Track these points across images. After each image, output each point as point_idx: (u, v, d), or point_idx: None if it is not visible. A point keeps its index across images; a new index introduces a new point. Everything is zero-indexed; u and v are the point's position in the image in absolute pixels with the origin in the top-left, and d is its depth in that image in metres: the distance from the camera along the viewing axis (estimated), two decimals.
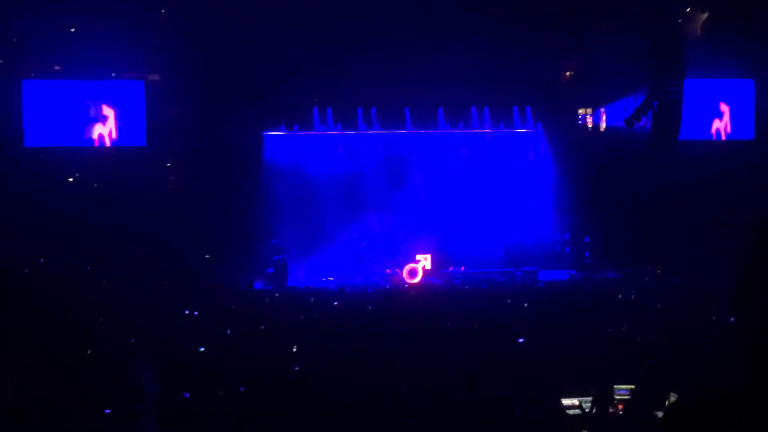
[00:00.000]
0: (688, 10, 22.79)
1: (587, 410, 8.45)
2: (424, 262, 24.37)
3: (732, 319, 11.49)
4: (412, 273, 24.00)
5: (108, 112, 23.82)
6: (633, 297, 17.26)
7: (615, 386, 8.65)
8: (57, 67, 24.29)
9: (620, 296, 17.43)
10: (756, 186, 20.90)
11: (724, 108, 24.86)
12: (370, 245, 25.29)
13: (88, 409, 6.80)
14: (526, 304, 15.98)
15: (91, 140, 23.74)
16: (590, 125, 27.08)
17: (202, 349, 11.15)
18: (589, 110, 27.01)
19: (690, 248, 22.06)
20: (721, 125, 24.89)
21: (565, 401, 8.55)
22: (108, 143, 23.76)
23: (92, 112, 23.76)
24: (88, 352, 9.56)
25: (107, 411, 6.56)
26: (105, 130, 23.80)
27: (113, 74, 24.28)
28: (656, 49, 20.70)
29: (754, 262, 1.69)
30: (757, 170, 22.35)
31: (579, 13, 23.46)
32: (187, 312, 15.48)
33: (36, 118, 23.65)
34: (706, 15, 23.07)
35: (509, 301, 16.74)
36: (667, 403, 8.30)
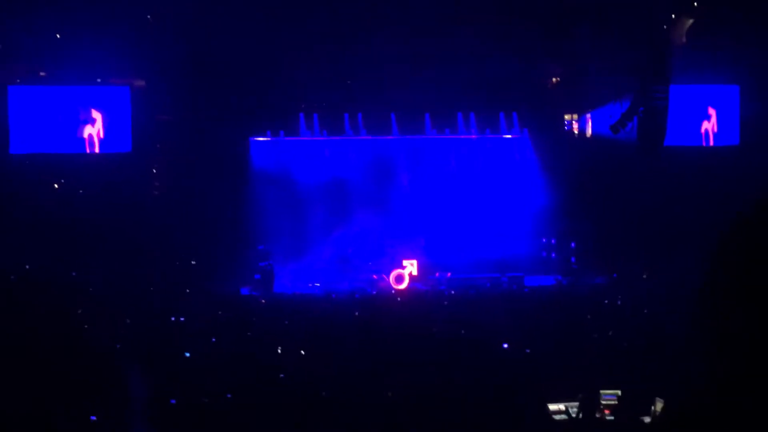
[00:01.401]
0: (673, 16, 22.91)
1: (574, 415, 8.47)
2: (410, 267, 24.36)
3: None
4: (399, 279, 24.00)
5: (96, 115, 23.76)
6: (619, 302, 17.31)
7: (601, 391, 8.68)
8: (42, 73, 24.20)
9: (606, 301, 17.48)
10: (741, 191, 20.99)
11: (712, 111, 25.02)
12: (356, 251, 25.27)
13: (75, 415, 6.76)
14: (512, 310, 16.01)
15: (82, 140, 23.64)
16: (576, 131, 27.15)
17: (188, 355, 11.12)
18: (575, 116, 27.08)
19: (676, 254, 22.13)
20: (709, 126, 25.04)
21: (552, 406, 8.57)
22: (97, 144, 23.66)
23: (81, 115, 23.68)
24: (74, 357, 9.51)
25: (93, 418, 6.53)
26: (94, 131, 23.72)
27: (99, 80, 24.20)
28: (642, 55, 20.78)
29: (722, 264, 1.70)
30: (742, 176, 22.45)
31: (565, 19, 23.53)
32: (173, 318, 15.44)
33: (21, 124, 23.55)
34: (691, 21, 23.19)
35: (496, 306, 16.76)
36: (653, 408, 8.33)
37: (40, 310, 13.83)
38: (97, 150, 23.74)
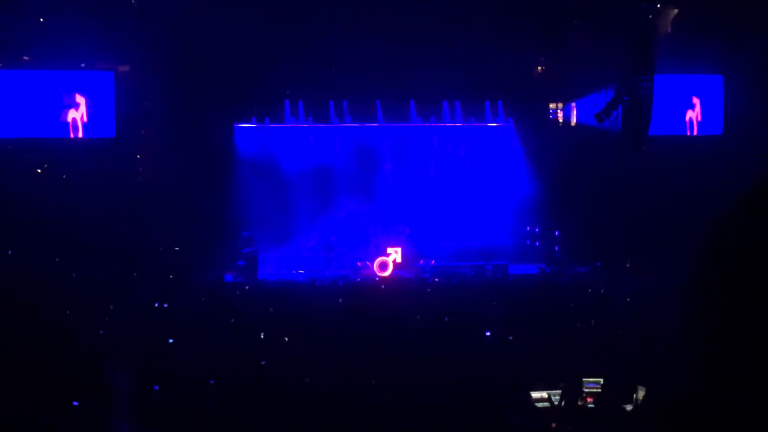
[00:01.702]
0: (658, 6, 22.96)
1: (556, 403, 8.51)
2: (394, 255, 24.39)
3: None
4: (383, 266, 24.02)
5: (80, 99, 23.64)
6: (602, 291, 17.38)
7: (584, 379, 8.71)
8: (25, 57, 24.03)
9: (590, 290, 17.55)
10: (724, 181, 21.11)
11: (696, 101, 25.13)
12: (340, 238, 25.27)
13: (58, 401, 6.75)
14: (495, 298, 16.05)
15: (66, 124, 23.51)
16: (561, 120, 27.21)
17: (171, 341, 11.11)
18: (561, 105, 27.13)
19: (659, 243, 22.25)
20: (694, 115, 25.14)
21: (535, 394, 8.61)
22: (80, 128, 23.54)
23: (65, 100, 23.55)
24: (57, 344, 9.49)
25: (75, 403, 6.51)
26: (77, 115, 23.60)
27: (83, 65, 24.06)
28: (626, 45, 20.84)
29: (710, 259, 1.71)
30: (725, 165, 22.57)
31: (551, 9, 23.55)
32: (156, 304, 15.41)
33: (4, 108, 23.39)
34: (675, 11, 23.25)
35: (479, 294, 16.80)
36: (635, 396, 8.38)
37: (22, 296, 13.79)
38: (80, 134, 23.63)
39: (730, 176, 20.94)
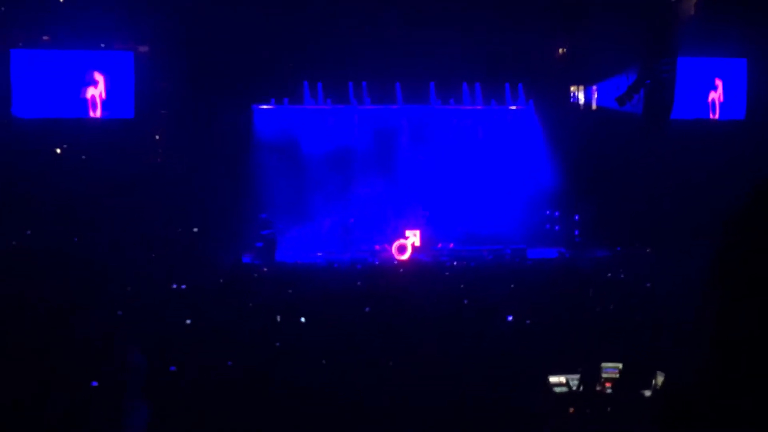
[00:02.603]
0: None
1: (574, 388, 8.46)
2: (413, 238, 24.32)
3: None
4: (401, 249, 23.96)
5: (99, 77, 23.70)
6: (622, 276, 17.29)
7: (602, 364, 8.66)
8: (45, 37, 24.07)
9: (609, 275, 17.46)
10: (746, 166, 20.91)
11: (718, 82, 24.90)
12: (359, 221, 25.24)
13: (75, 381, 6.74)
14: (514, 283, 15.99)
15: (85, 101, 23.58)
16: (582, 103, 27.02)
17: (189, 322, 11.12)
18: (581, 88, 26.94)
19: (680, 228, 22.10)
20: (716, 96, 24.91)
21: (553, 378, 8.56)
22: (99, 105, 23.61)
23: (84, 78, 23.62)
24: (75, 324, 9.50)
25: (94, 383, 6.50)
26: (96, 92, 23.67)
27: (102, 45, 24.07)
28: (649, 28, 20.65)
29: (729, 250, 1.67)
30: (747, 151, 22.37)
31: None
32: (175, 286, 15.45)
33: (24, 87, 23.47)
34: None
35: (498, 278, 16.74)
36: (654, 382, 8.32)
37: (41, 276, 13.85)
38: (99, 112, 23.68)
39: (753, 161, 20.76)
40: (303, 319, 11.62)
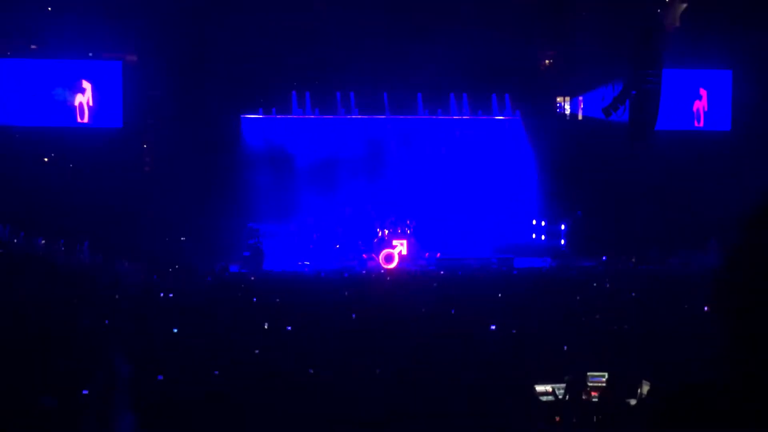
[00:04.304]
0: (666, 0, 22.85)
1: (560, 396, 8.50)
2: (400, 247, 24.35)
3: (706, 308, 11.60)
4: (389, 258, 23.98)
5: (86, 84, 23.71)
6: (607, 285, 17.35)
7: (588, 373, 8.70)
8: (33, 46, 24.06)
9: (595, 284, 17.52)
10: (732, 178, 21.06)
11: (703, 92, 25.07)
12: (346, 230, 25.26)
13: (62, 390, 6.76)
14: (500, 292, 16.03)
15: (72, 108, 23.58)
16: (568, 113, 27.14)
17: (176, 331, 11.12)
18: (568, 99, 27.07)
19: (664, 238, 22.23)
20: (701, 105, 25.08)
21: (539, 387, 8.60)
22: (87, 112, 23.60)
23: (72, 86, 23.62)
24: (62, 333, 9.51)
25: (85, 392, 6.53)
26: (84, 99, 23.68)
27: (90, 54, 24.08)
28: (634, 39, 20.75)
29: (737, 253, 1.70)
30: (733, 162, 22.52)
31: (559, 2, 23.48)
32: (162, 294, 15.44)
33: (10, 96, 23.45)
34: (684, 5, 23.13)
35: (485, 288, 16.77)
36: (639, 391, 8.37)
37: (27, 285, 13.81)
38: (87, 118, 23.68)
39: (738, 172, 20.90)
40: (289, 328, 11.63)
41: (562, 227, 25.71)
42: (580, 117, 26.57)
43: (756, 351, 1.58)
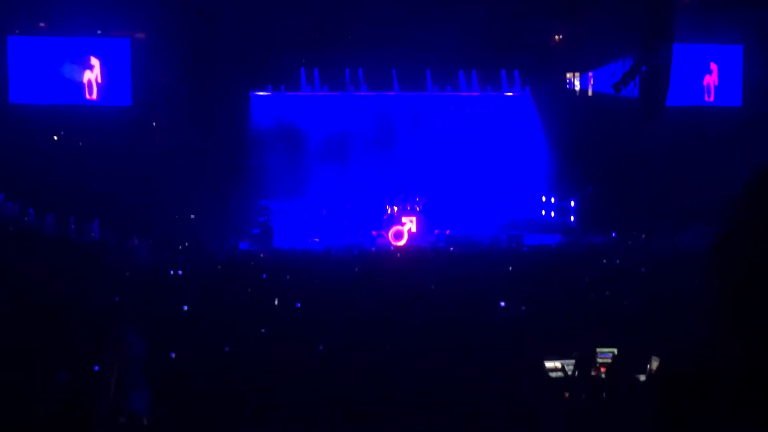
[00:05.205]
0: None
1: (570, 373, 8.52)
2: (409, 224, 24.38)
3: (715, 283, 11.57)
4: (398, 235, 24.00)
5: (95, 61, 23.72)
6: (617, 262, 17.33)
7: (597, 349, 8.71)
8: (42, 24, 24.05)
9: (604, 261, 17.50)
10: (742, 154, 20.97)
11: (714, 66, 24.96)
12: (356, 207, 25.29)
13: (73, 367, 6.80)
14: (510, 268, 16.04)
15: (81, 85, 23.61)
16: (578, 89, 27.03)
17: (186, 308, 11.16)
18: (577, 74, 26.95)
19: (674, 214, 22.16)
20: (712, 80, 24.98)
21: (548, 363, 8.62)
22: (95, 89, 23.62)
23: (81, 63, 23.63)
24: (74, 310, 9.55)
25: (96, 368, 6.57)
26: (92, 76, 23.71)
27: (99, 32, 24.06)
28: (645, 14, 20.62)
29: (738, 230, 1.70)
30: (744, 138, 22.41)
31: None
32: (172, 272, 15.49)
33: (21, 74, 23.49)
34: None
35: (494, 264, 16.78)
36: (648, 366, 8.38)
37: (39, 262, 13.87)
38: (95, 95, 23.70)
39: (749, 148, 20.80)
40: (299, 305, 11.66)
41: (572, 204, 25.67)
42: (590, 93, 26.46)
43: (764, 327, 1.58)
